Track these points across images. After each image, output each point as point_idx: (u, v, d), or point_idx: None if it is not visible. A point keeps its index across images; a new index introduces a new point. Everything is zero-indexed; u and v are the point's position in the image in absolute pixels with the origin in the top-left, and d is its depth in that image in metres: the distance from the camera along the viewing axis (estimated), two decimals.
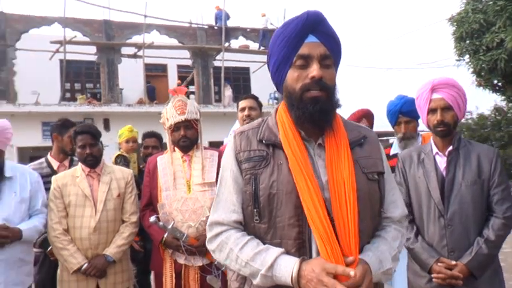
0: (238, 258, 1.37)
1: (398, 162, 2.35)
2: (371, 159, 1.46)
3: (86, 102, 15.47)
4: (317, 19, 1.39)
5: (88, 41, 15.21)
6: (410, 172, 2.26)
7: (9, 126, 2.58)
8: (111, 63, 15.56)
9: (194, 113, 2.83)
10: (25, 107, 13.43)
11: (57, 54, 14.99)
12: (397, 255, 1.45)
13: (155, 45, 16.19)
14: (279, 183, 1.36)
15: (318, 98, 1.35)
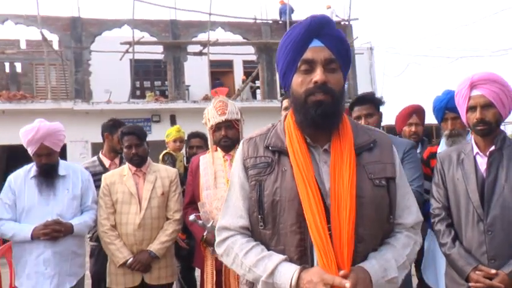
0: (242, 263, 1.39)
1: (437, 162, 2.23)
2: (380, 164, 1.41)
3: (153, 99, 16.12)
4: (321, 23, 1.37)
5: (155, 40, 15.81)
6: (449, 173, 2.14)
7: (62, 128, 2.78)
8: (177, 61, 16.06)
9: (235, 113, 2.87)
10: (98, 105, 14.23)
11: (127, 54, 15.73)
12: (406, 263, 1.40)
13: (220, 42, 16.49)
14: (282, 190, 1.36)
15: (322, 101, 1.33)
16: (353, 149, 1.38)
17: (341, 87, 1.39)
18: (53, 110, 13.15)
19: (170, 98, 16.12)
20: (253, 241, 1.42)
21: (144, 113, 14.88)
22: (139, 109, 14.72)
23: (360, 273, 1.28)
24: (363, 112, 2.77)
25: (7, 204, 2.69)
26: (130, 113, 14.77)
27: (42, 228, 2.59)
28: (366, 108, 2.78)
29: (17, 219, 2.69)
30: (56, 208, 2.69)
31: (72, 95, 14.58)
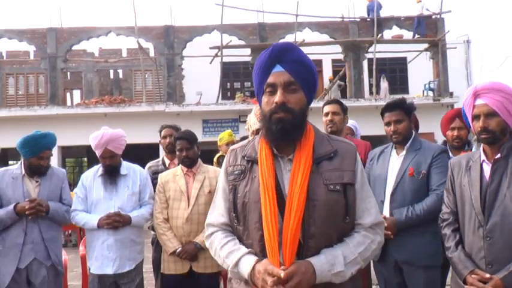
0: (220, 255, 1.65)
1: (449, 169, 2.28)
2: (338, 171, 1.58)
3: (241, 100, 16.77)
4: (282, 50, 1.58)
5: (242, 44, 16.44)
6: (457, 180, 2.18)
7: (123, 135, 3.24)
8: None
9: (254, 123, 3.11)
10: (188, 107, 15.19)
11: (217, 57, 16.56)
12: (358, 260, 1.56)
13: (306, 42, 16.67)
14: (250, 193, 1.59)
15: (282, 119, 1.54)
16: (310, 159, 1.56)
17: (302, 105, 1.59)
18: (147, 113, 14.37)
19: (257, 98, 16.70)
20: (231, 236, 1.66)
21: (231, 114, 15.57)
22: (227, 110, 15.43)
23: (302, 266, 1.47)
24: (392, 118, 2.85)
25: (80, 198, 3.23)
26: (218, 114, 15.60)
27: (105, 218, 3.08)
28: (395, 114, 2.85)
29: (88, 211, 3.21)
30: (117, 202, 3.17)
31: (165, 98, 15.72)
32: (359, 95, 16.21)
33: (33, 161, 3.15)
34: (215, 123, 16.11)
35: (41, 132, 3.19)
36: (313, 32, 17.03)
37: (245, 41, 16.44)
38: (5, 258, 3.06)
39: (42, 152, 3.15)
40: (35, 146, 3.11)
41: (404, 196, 2.76)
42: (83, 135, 3.45)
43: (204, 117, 15.56)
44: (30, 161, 3.15)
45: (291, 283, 1.44)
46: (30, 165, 3.16)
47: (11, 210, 3.03)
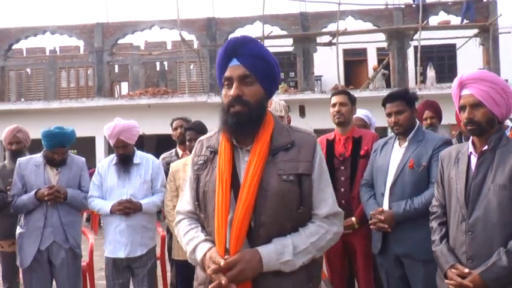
0: (183, 242, 1.71)
1: (439, 161, 2.23)
2: (293, 162, 1.60)
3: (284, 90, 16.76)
4: (236, 44, 1.61)
5: (284, 34, 16.39)
6: (446, 172, 2.13)
7: (136, 125, 3.39)
8: (306, 52, 16.41)
9: (278, 110, 3.15)
10: None
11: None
12: (310, 249, 1.57)
13: (348, 31, 16.40)
14: (209, 182, 1.64)
15: (238, 112, 1.58)
16: (265, 150, 1.59)
17: (258, 97, 1.61)
18: (190, 104, 14.64)
19: (299, 89, 16.61)
20: (194, 224, 1.72)
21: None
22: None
23: (247, 254, 1.50)
24: (393, 109, 2.81)
25: (96, 185, 3.41)
26: None
27: (117, 205, 3.24)
28: (396, 105, 2.81)
29: (103, 197, 3.39)
30: (129, 190, 3.32)
31: (207, 89, 15.98)
32: (402, 84, 15.72)
33: (48, 153, 3.39)
34: None
35: (60, 130, 3.38)
36: (356, 20, 16.69)
37: (287, 31, 16.37)
38: (28, 240, 3.31)
39: (56, 148, 3.36)
40: (50, 142, 3.33)
41: (404, 189, 2.72)
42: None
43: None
44: (46, 152, 3.37)
45: (232, 271, 1.47)
46: (46, 156, 3.38)
47: (32, 196, 3.26)
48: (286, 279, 1.56)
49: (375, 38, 17.70)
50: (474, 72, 2.02)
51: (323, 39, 17.20)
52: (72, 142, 3.47)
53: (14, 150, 3.91)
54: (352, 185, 3.14)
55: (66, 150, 3.43)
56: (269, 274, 1.54)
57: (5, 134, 3.97)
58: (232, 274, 1.48)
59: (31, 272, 3.34)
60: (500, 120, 2.01)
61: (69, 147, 3.46)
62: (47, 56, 19.85)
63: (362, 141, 3.21)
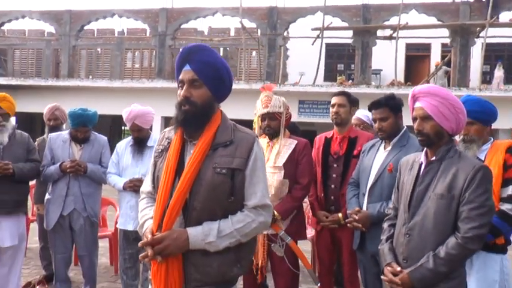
0: (139, 218, 1.99)
1: (399, 167, 2.35)
2: (229, 157, 1.81)
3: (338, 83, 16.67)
4: (190, 52, 1.84)
5: (344, 26, 16.24)
6: (402, 178, 2.25)
7: (151, 112, 3.72)
8: (365, 46, 16.17)
9: (277, 107, 3.33)
10: (285, 87, 15.51)
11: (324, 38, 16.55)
12: (234, 234, 1.78)
13: (409, 25, 15.95)
14: (161, 169, 1.90)
15: (186, 111, 1.82)
16: (207, 145, 1.82)
17: (205, 98, 1.84)
18: (245, 90, 14.96)
19: (355, 82, 16.45)
20: (150, 203, 1.98)
21: (327, 96, 15.52)
22: (323, 92, 15.47)
23: (174, 233, 1.74)
24: (377, 116, 2.91)
25: (114, 163, 3.79)
26: (314, 95, 15.73)
27: (128, 183, 3.60)
28: (379, 112, 2.90)
29: (119, 174, 3.77)
30: (142, 169, 3.66)
31: (264, 77, 16.23)
32: (463, 83, 15.12)
33: (72, 131, 3.82)
34: (311, 104, 16.29)
35: (82, 111, 3.80)
36: (419, 14, 16.18)
37: (348, 22, 16.22)
38: (52, 206, 3.77)
39: (79, 127, 3.78)
40: (74, 121, 3.76)
41: (382, 191, 2.84)
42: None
43: (300, 98, 15.81)
44: (71, 130, 3.80)
45: (159, 246, 1.72)
46: (71, 134, 3.81)
47: (57, 168, 3.71)
48: (213, 258, 1.79)
49: (439, 34, 17.07)
50: (426, 86, 2.12)
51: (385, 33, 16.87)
52: (95, 123, 3.87)
53: (52, 126, 4.42)
54: (343, 183, 3.28)
55: (88, 129, 3.83)
56: (198, 252, 1.77)
57: (45, 111, 4.49)
58: (158, 248, 1.73)
59: (55, 233, 3.81)
60: (450, 134, 2.10)
61: (91, 127, 3.86)
62: (115, 37, 20.98)
63: (357, 141, 3.34)
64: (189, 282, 1.79)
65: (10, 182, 3.55)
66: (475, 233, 1.92)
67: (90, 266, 3.91)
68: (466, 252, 1.94)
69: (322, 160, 3.40)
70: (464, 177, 1.97)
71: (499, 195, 2.43)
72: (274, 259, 3.27)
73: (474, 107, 2.56)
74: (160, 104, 14.61)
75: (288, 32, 17.36)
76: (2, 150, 3.60)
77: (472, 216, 1.93)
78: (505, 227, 2.39)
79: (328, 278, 3.51)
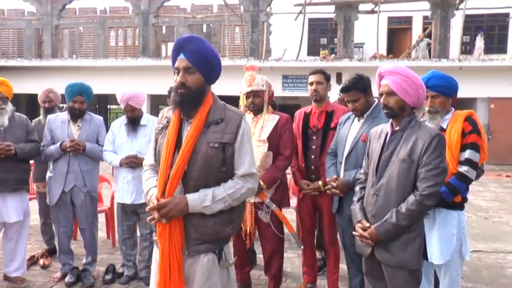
0: (144, 187, 2.28)
1: (368, 136, 2.66)
2: (220, 133, 2.09)
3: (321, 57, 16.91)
4: (184, 42, 2.10)
5: (326, 1, 16.38)
6: (371, 146, 2.57)
7: (142, 93, 3.97)
8: (347, 20, 16.37)
9: (260, 85, 3.59)
10: (268, 63, 15.74)
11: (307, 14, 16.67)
12: (226, 198, 2.07)
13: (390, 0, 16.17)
14: (162, 144, 2.17)
15: (182, 93, 2.08)
16: (201, 123, 2.09)
17: (198, 83, 2.09)
18: (229, 67, 15.11)
19: (338, 56, 16.70)
20: (153, 174, 2.26)
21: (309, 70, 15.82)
22: (306, 67, 15.68)
23: (176, 199, 2.02)
24: (350, 98, 3.19)
25: (109, 141, 4.04)
26: (297, 70, 15.97)
27: (124, 159, 3.87)
28: (350, 95, 3.19)
29: (115, 151, 4.03)
30: (136, 147, 3.93)
31: (248, 53, 16.38)
32: (443, 54, 15.48)
33: (70, 105, 4.03)
34: (294, 79, 16.54)
35: (76, 82, 4.07)
36: None
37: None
38: (54, 183, 4.03)
39: (75, 96, 4.00)
40: (70, 91, 3.99)
41: (357, 159, 3.15)
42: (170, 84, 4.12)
43: (284, 73, 16.03)
44: (69, 104, 4.03)
45: (163, 210, 2.01)
46: (69, 109, 4.05)
47: (57, 147, 3.95)
48: (209, 220, 2.09)
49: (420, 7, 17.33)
50: (391, 66, 2.41)
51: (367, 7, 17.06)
52: (90, 95, 4.10)
53: (47, 108, 4.65)
54: (322, 153, 3.59)
55: (84, 100, 4.05)
56: (196, 215, 2.07)
57: (40, 94, 4.70)
58: (162, 212, 2.02)
59: (57, 208, 4.08)
60: (412, 106, 2.41)
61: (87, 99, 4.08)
62: (98, 16, 20.81)
63: (334, 115, 3.64)
64: (189, 240, 2.09)
65: (13, 162, 3.81)
66: (430, 190, 2.25)
67: (91, 238, 4.20)
68: (423, 208, 2.28)
69: (303, 133, 3.70)
70: (423, 144, 2.28)
71: (457, 159, 2.77)
72: (261, 225, 3.60)
73: (438, 82, 2.87)
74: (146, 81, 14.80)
75: (270, 8, 17.47)
76: (3, 132, 3.83)
77: (428, 176, 2.25)
78: (462, 186, 2.74)
79: (311, 241, 3.86)
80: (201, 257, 2.10)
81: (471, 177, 2.74)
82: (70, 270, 4.11)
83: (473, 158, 2.73)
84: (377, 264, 2.46)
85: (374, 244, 2.39)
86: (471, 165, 2.73)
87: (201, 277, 2.09)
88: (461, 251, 2.83)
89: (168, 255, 2.04)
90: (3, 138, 3.81)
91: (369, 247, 2.42)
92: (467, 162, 2.74)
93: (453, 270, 2.83)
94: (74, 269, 4.15)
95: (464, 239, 2.84)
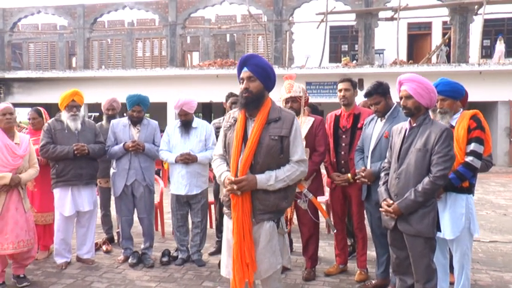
0: (215, 171, 2.88)
1: (390, 132, 3.24)
2: (278, 129, 2.68)
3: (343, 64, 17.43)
4: (246, 58, 2.72)
5: (347, 9, 16.91)
6: (393, 140, 3.15)
7: (193, 100, 4.62)
8: (368, 27, 16.85)
9: (298, 92, 4.20)
10: (292, 70, 16.32)
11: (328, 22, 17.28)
12: (285, 179, 2.65)
13: (410, 6, 16.61)
14: (231, 138, 2.78)
15: (246, 97, 2.69)
16: (263, 120, 2.68)
17: (258, 89, 2.70)
18: None
19: (359, 62, 17.21)
20: (223, 161, 2.86)
21: (333, 77, 16.34)
22: (329, 73, 16.27)
23: (249, 177, 2.61)
24: (372, 102, 3.79)
25: (165, 142, 4.71)
26: (320, 76, 16.54)
27: (179, 157, 4.52)
28: (372, 99, 3.78)
29: (170, 150, 4.68)
30: (189, 146, 4.58)
31: (272, 61, 17.02)
32: (462, 59, 15.83)
33: (129, 113, 4.72)
34: (318, 85, 17.09)
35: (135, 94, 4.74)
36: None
37: (351, 6, 16.85)
38: (118, 177, 4.70)
39: (134, 106, 4.68)
40: (129, 101, 4.68)
41: (381, 153, 3.72)
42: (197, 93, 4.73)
43: (307, 80, 16.59)
44: (128, 112, 4.71)
45: (240, 184, 2.61)
46: (129, 116, 4.73)
47: (121, 147, 4.63)
48: (270, 195, 2.69)
49: (439, 13, 17.73)
50: (408, 75, 3.00)
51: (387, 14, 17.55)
52: (147, 105, 4.76)
53: (109, 115, 5.37)
54: (350, 150, 4.17)
55: (142, 109, 4.71)
56: (261, 191, 2.66)
57: (104, 102, 5.44)
58: (239, 185, 2.62)
59: (120, 200, 4.75)
60: (426, 107, 2.98)
61: (144, 108, 4.74)
62: (126, 28, 21.79)
63: (360, 116, 4.22)
64: (256, 210, 2.69)
65: (86, 160, 4.52)
66: (441, 173, 2.81)
67: (149, 225, 4.85)
68: (436, 187, 2.84)
69: (334, 132, 4.29)
70: (435, 136, 2.85)
71: (464, 151, 3.33)
72: (299, 212, 4.19)
73: (446, 87, 3.45)
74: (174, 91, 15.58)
75: (293, 17, 18.11)
76: (78, 135, 4.53)
77: (439, 162, 2.82)
78: (468, 174, 3.30)
79: (342, 227, 4.43)
80: (264, 223, 2.70)
81: (476, 165, 3.29)
82: (132, 254, 4.77)
83: (478, 149, 3.29)
84: (399, 236, 3.03)
85: (397, 218, 2.96)
86: (476, 155, 3.29)
87: (265, 239, 2.69)
88: (470, 228, 3.37)
89: (242, 221, 2.65)
90: (77, 139, 4.50)
91: (392, 220, 3.00)
92: (473, 153, 3.30)
93: (463, 244, 3.38)
94: (134, 252, 4.80)
95: (472, 218, 3.38)
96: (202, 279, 4.31)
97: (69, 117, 4.54)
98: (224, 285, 4.11)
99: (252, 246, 2.65)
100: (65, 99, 4.56)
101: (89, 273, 4.46)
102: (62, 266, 4.58)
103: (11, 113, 3.99)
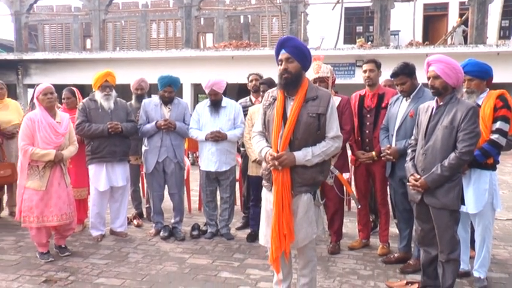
0: (256, 147, 3.05)
1: (418, 110, 3.39)
2: (316, 107, 2.83)
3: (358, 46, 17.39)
4: (284, 41, 2.86)
5: None
6: (420, 118, 3.30)
7: (223, 81, 4.78)
8: (384, 9, 16.75)
9: (325, 72, 4.34)
10: None
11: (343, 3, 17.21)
12: (321, 154, 2.82)
13: None
14: (270, 116, 2.93)
15: (285, 77, 2.84)
16: (302, 99, 2.83)
17: (297, 69, 2.83)
18: (269, 56, 15.73)
19: (375, 44, 17.15)
20: (262, 138, 3.01)
21: (348, 58, 16.36)
22: (344, 55, 16.25)
23: (289, 153, 2.78)
24: (398, 82, 3.91)
25: (195, 120, 4.89)
26: (336, 58, 16.50)
27: (209, 134, 4.71)
28: (398, 79, 3.91)
29: (199, 129, 4.87)
30: (218, 124, 4.77)
31: None
32: (480, 40, 15.71)
33: (161, 93, 4.91)
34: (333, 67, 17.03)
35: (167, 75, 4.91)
36: None
37: None
38: (150, 154, 4.92)
39: (165, 87, 4.86)
40: (161, 82, 4.86)
41: (406, 132, 3.87)
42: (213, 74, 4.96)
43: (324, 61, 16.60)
44: (160, 92, 4.90)
45: (280, 159, 2.78)
46: (160, 96, 4.92)
47: (153, 125, 4.83)
48: (308, 169, 2.86)
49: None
50: (437, 56, 3.13)
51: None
52: (177, 85, 4.95)
53: (138, 95, 5.56)
54: (374, 129, 4.33)
55: (172, 90, 4.90)
56: (299, 166, 2.83)
57: (133, 82, 5.62)
58: (280, 160, 2.79)
59: (152, 176, 4.98)
60: (453, 87, 3.12)
61: (175, 88, 4.92)
62: (140, 9, 21.87)
63: (384, 96, 4.36)
64: (295, 183, 2.86)
65: (119, 138, 4.73)
66: (467, 149, 2.97)
67: (179, 201, 5.08)
68: (461, 162, 3.00)
69: (358, 112, 4.44)
70: (461, 114, 3.00)
71: (490, 129, 3.47)
72: (325, 187, 4.36)
73: (473, 68, 3.57)
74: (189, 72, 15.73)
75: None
76: (111, 113, 4.74)
77: (465, 138, 2.97)
78: (493, 151, 3.44)
79: (365, 203, 4.61)
80: (302, 195, 2.89)
81: (501, 143, 3.43)
82: (163, 227, 5.02)
83: (503, 127, 3.42)
84: (425, 209, 3.21)
85: (423, 192, 3.13)
86: (501, 133, 3.42)
87: (302, 210, 2.89)
88: (493, 203, 3.54)
89: (282, 193, 2.84)
90: (111, 118, 4.71)
91: (419, 194, 3.17)
92: (498, 131, 3.43)
93: (486, 219, 3.54)
94: (165, 226, 5.05)
95: (495, 194, 3.54)
96: (233, 251, 4.54)
97: (103, 97, 4.74)
98: (254, 257, 4.35)
99: (290, 217, 2.84)
100: (99, 80, 4.76)
101: (124, 245, 4.72)
102: (98, 238, 4.84)
103: (52, 93, 4.20)
